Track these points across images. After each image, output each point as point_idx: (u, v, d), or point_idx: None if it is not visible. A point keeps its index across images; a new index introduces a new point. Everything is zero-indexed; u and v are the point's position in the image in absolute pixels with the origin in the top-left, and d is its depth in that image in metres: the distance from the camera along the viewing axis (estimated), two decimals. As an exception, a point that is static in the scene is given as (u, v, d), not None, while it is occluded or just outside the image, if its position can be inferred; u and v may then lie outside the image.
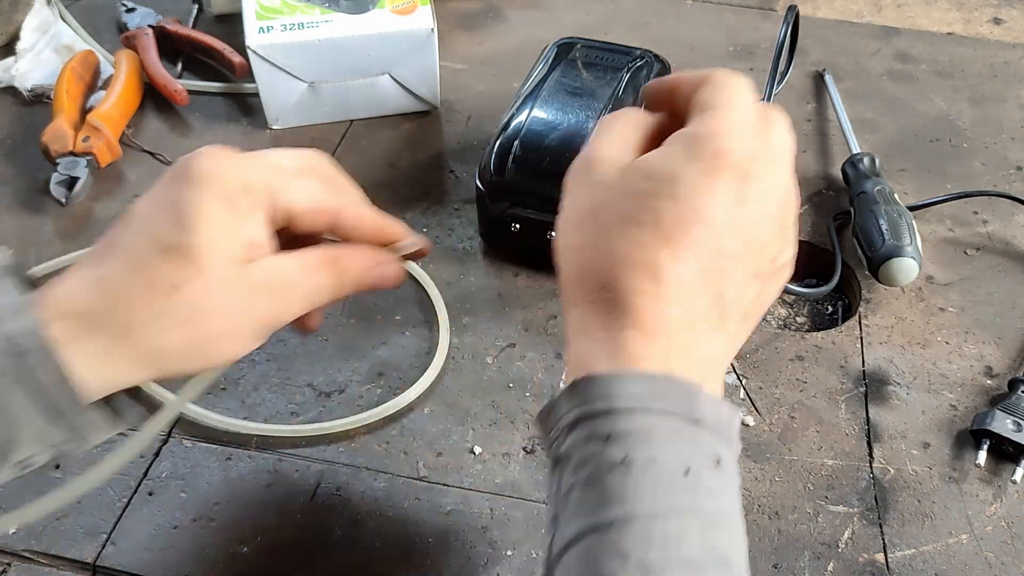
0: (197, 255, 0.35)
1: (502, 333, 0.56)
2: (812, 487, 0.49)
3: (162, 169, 0.66)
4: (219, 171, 0.36)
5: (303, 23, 0.65)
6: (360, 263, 0.40)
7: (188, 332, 0.36)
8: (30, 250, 0.60)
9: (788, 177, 0.36)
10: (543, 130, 0.56)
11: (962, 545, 0.47)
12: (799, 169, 0.67)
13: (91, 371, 0.35)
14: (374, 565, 0.46)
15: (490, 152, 0.57)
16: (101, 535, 0.46)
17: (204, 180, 0.36)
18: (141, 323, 0.35)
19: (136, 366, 0.36)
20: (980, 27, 0.82)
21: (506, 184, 0.56)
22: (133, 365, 0.36)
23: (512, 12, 0.83)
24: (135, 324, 0.35)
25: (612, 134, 0.38)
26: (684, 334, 0.34)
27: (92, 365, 0.35)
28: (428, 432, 0.51)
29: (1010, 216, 0.64)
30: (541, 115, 0.57)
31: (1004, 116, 0.72)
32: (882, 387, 0.54)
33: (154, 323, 0.35)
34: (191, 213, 0.35)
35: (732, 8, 0.83)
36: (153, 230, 0.36)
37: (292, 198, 0.37)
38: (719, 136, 0.34)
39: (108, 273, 0.36)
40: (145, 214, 0.36)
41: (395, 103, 0.71)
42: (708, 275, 0.34)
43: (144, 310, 0.35)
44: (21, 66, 0.72)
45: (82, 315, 0.35)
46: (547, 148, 0.55)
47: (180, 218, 0.35)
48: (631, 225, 0.34)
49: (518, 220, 0.56)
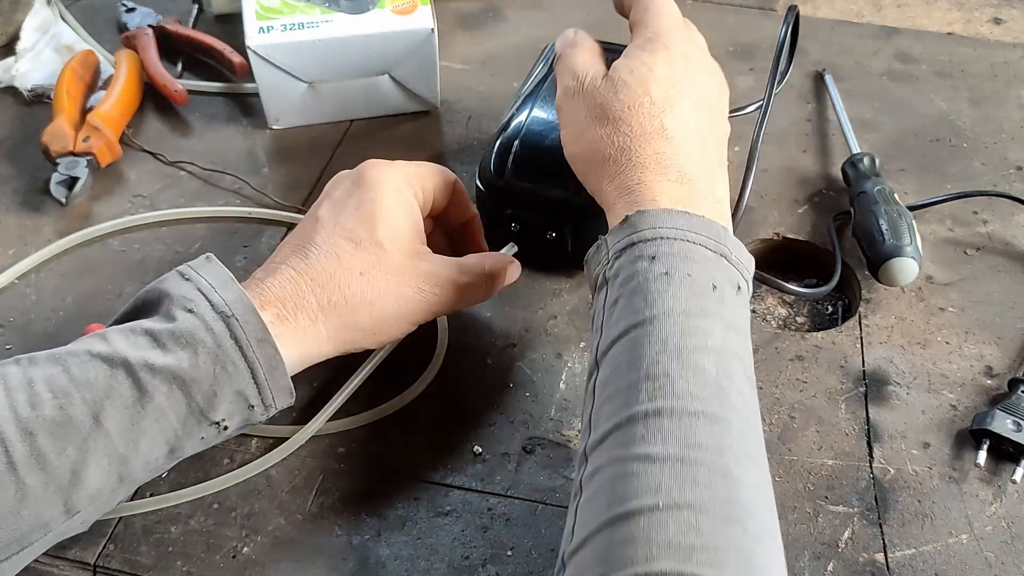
0: (380, 245, 0.45)
1: (502, 333, 0.56)
2: (812, 487, 0.49)
3: (163, 169, 0.67)
4: (387, 173, 0.47)
5: (303, 23, 0.65)
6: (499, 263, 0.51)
7: (373, 311, 0.45)
8: (30, 250, 0.60)
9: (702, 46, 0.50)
10: (543, 130, 0.56)
11: (962, 545, 0.47)
12: (799, 169, 0.67)
13: (289, 347, 0.42)
14: (374, 565, 0.46)
15: (490, 152, 0.57)
16: (101, 535, 0.46)
17: (380, 182, 0.47)
18: (336, 304, 0.44)
19: (327, 342, 0.45)
20: (980, 27, 0.82)
21: (506, 184, 0.56)
22: (324, 341, 0.44)
23: (512, 12, 0.83)
24: (332, 305, 0.44)
25: (584, 52, 0.50)
26: (704, 180, 0.44)
27: (291, 342, 0.43)
28: (428, 432, 0.51)
29: (1010, 216, 0.64)
30: (541, 115, 0.57)
31: (1004, 116, 0.72)
32: (882, 387, 0.54)
33: (347, 303, 0.44)
34: (374, 211, 0.46)
35: (732, 8, 0.83)
36: (345, 228, 0.45)
37: (434, 180, 0.50)
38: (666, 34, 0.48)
39: (310, 265, 0.44)
40: (335, 215, 0.46)
41: (395, 103, 0.71)
42: (699, 130, 0.46)
43: (339, 293, 0.44)
44: (21, 66, 0.72)
45: (286, 300, 0.43)
46: (547, 148, 0.55)
47: (366, 215, 0.46)
48: (632, 110, 0.45)
49: (518, 220, 0.56)
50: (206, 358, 0.40)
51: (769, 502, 0.36)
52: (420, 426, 0.52)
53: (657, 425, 0.36)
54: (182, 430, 0.41)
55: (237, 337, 0.41)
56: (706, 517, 0.33)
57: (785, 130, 0.71)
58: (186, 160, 0.67)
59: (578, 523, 0.36)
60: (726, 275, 0.41)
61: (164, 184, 0.66)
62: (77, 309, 0.57)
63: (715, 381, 0.37)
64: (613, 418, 0.37)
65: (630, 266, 0.41)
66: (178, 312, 0.41)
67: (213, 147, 0.69)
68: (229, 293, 0.42)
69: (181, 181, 0.66)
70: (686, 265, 0.40)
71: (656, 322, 0.38)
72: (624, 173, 0.44)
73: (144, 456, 0.40)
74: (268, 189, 0.65)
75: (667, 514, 0.33)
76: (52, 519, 0.38)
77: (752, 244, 0.61)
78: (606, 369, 0.39)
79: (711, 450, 0.35)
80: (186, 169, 0.67)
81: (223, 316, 0.41)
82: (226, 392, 0.41)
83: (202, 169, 0.67)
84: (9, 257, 0.60)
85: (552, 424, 0.52)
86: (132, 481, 0.41)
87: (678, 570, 0.31)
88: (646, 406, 0.36)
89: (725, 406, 0.37)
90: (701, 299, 0.39)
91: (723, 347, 0.39)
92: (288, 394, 0.43)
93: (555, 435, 0.51)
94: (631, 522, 0.33)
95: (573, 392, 0.53)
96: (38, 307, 0.57)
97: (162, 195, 0.65)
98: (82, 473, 0.38)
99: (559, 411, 0.52)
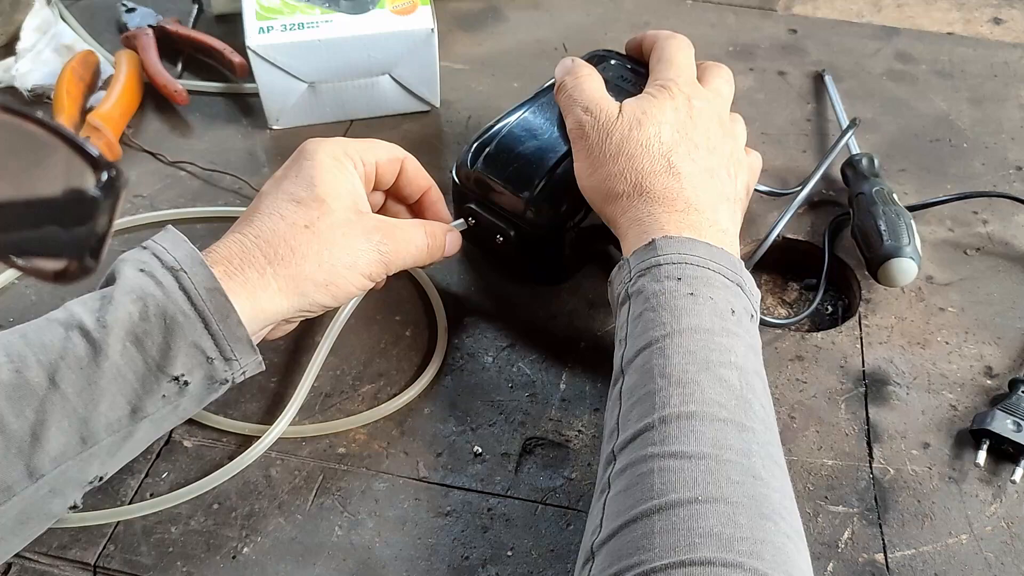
0: (322, 200, 0.47)
1: (502, 333, 0.56)
2: (812, 487, 0.49)
3: (163, 169, 0.67)
4: (325, 145, 0.49)
5: (303, 23, 0.65)
6: (442, 229, 0.52)
7: (322, 260, 0.46)
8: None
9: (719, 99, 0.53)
10: (523, 136, 0.55)
11: (962, 545, 0.47)
12: (799, 169, 0.67)
13: (239, 299, 0.43)
14: (374, 565, 0.46)
15: (470, 143, 0.56)
16: (102, 535, 0.46)
17: (316, 151, 0.49)
18: (283, 256, 0.45)
19: (278, 295, 0.45)
20: (980, 27, 0.82)
21: (472, 177, 0.55)
22: (276, 294, 0.45)
23: (512, 12, 0.83)
24: (278, 257, 0.45)
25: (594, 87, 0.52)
26: (709, 211, 0.47)
27: (241, 295, 0.43)
28: (428, 432, 0.51)
29: (1010, 216, 0.64)
30: (530, 121, 0.56)
31: (1004, 116, 0.72)
32: (882, 387, 0.54)
33: (293, 254, 0.45)
34: (313, 174, 0.48)
35: (732, 8, 0.83)
36: (286, 191, 0.47)
37: (376, 154, 0.52)
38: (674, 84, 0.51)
39: (255, 226, 0.46)
40: (277, 185, 0.48)
41: (395, 103, 0.71)
42: (707, 168, 0.49)
43: (284, 245, 0.45)
44: (21, 66, 0.72)
45: (232, 258, 0.44)
46: (519, 154, 0.54)
47: (305, 178, 0.48)
48: (644, 148, 0.48)
49: (475, 216, 0.56)
50: (156, 310, 0.41)
51: (794, 507, 0.38)
52: (420, 426, 0.52)
53: (690, 427, 0.38)
54: (141, 388, 0.41)
55: (185, 288, 0.42)
56: (743, 512, 0.35)
57: (785, 130, 0.71)
58: (186, 160, 0.67)
59: (608, 514, 0.37)
60: (741, 303, 0.44)
61: (164, 184, 0.66)
62: (77, 309, 0.57)
63: (740, 394, 0.40)
64: (644, 419, 0.39)
65: (655, 284, 0.43)
66: (130, 272, 0.42)
67: (213, 147, 0.69)
68: (180, 251, 0.43)
69: (181, 181, 0.66)
70: (709, 289, 0.43)
71: (683, 335, 0.41)
72: (636, 207, 0.48)
73: (105, 416, 0.40)
74: (268, 189, 0.65)
75: (706, 506, 0.35)
76: (15, 482, 0.39)
77: (752, 244, 0.61)
78: (632, 376, 0.42)
79: (741, 453, 0.37)
80: (186, 169, 0.67)
81: (172, 270, 0.42)
82: (180, 344, 0.41)
83: (202, 169, 0.67)
84: (9, 257, 0.60)
85: (552, 424, 0.52)
86: (96, 443, 0.40)
87: (722, 558, 0.33)
88: (678, 409, 0.38)
89: (750, 416, 0.39)
90: (723, 320, 0.42)
91: (744, 364, 0.41)
92: (248, 346, 0.44)
93: (555, 435, 0.51)
94: (671, 513, 0.35)
95: (573, 392, 0.53)
96: (38, 307, 0.57)
97: (162, 195, 0.65)
98: (41, 435, 0.39)
99: (559, 411, 0.52)
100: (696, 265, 0.44)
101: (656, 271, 0.44)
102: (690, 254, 0.44)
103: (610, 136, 0.49)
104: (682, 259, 0.44)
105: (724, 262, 0.45)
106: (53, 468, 0.39)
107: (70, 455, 0.40)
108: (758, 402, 0.40)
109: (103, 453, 0.41)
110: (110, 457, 0.42)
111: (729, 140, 0.52)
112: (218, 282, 0.42)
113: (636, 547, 0.35)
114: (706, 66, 0.55)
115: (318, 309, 0.48)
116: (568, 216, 0.54)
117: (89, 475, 0.41)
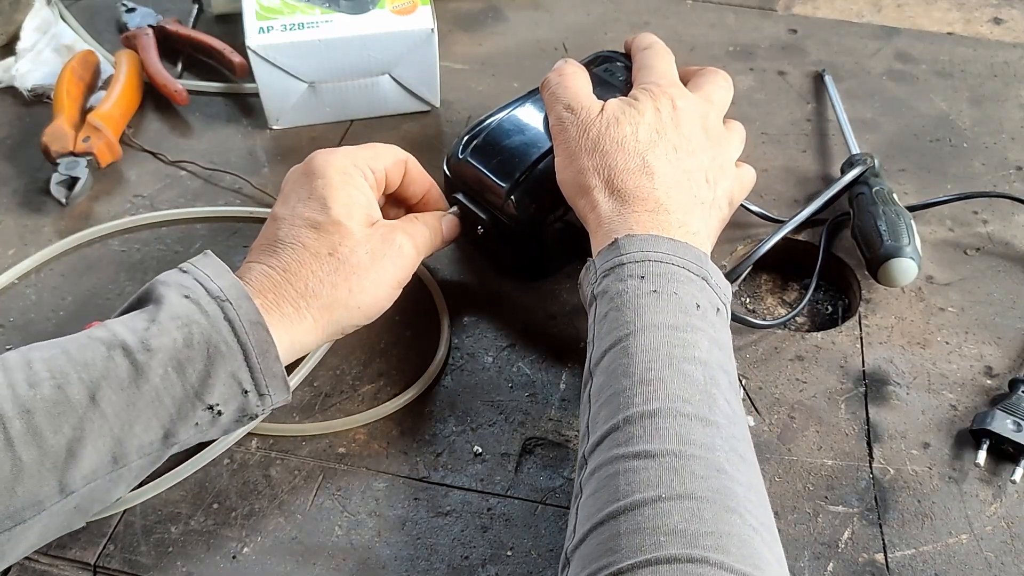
0: (338, 223, 0.47)
1: (502, 333, 0.56)
2: (812, 487, 0.49)
3: (163, 169, 0.67)
4: (333, 159, 0.49)
5: (303, 23, 0.65)
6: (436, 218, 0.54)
7: (350, 285, 0.46)
8: (30, 250, 0.60)
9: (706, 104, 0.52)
10: (511, 130, 0.56)
11: (962, 545, 0.47)
12: (799, 169, 0.67)
13: (279, 335, 0.44)
14: (374, 565, 0.46)
15: (461, 137, 0.57)
16: (101, 535, 0.46)
17: (326, 169, 0.49)
18: (313, 288, 0.46)
19: (313, 329, 0.46)
20: (980, 27, 0.82)
21: (459, 164, 0.56)
22: (311, 328, 0.46)
23: (512, 12, 0.83)
24: (309, 289, 0.46)
25: (578, 85, 0.53)
26: (679, 212, 0.47)
27: (279, 329, 0.44)
28: (428, 432, 0.51)
29: (1010, 216, 0.64)
30: (520, 116, 0.57)
31: (1004, 116, 0.72)
32: (882, 387, 0.54)
33: (323, 284, 0.46)
34: (325, 195, 0.48)
35: (732, 8, 0.83)
36: (302, 216, 0.47)
37: (383, 160, 0.52)
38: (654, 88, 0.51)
39: (280, 259, 0.46)
40: (291, 210, 0.48)
41: (395, 103, 0.71)
42: (685, 170, 0.49)
43: (313, 277, 0.46)
44: (21, 66, 0.72)
45: (267, 292, 0.45)
46: (503, 148, 0.55)
47: (318, 200, 0.47)
48: (620, 145, 0.48)
49: (459, 205, 0.56)
50: (200, 339, 0.41)
51: (762, 499, 0.38)
52: (420, 426, 0.52)
53: (653, 425, 0.38)
54: (176, 413, 0.41)
55: (231, 319, 0.42)
56: (707, 506, 0.35)
57: (785, 130, 0.71)
58: (186, 160, 0.67)
59: (579, 520, 0.37)
60: (707, 297, 0.44)
61: (164, 184, 0.66)
62: (77, 309, 0.57)
63: (704, 388, 0.40)
64: (610, 420, 0.39)
65: (619, 284, 0.43)
66: (175, 298, 0.42)
67: (213, 147, 0.69)
68: (224, 281, 0.44)
69: (181, 181, 0.66)
70: (673, 285, 0.43)
71: (646, 333, 0.41)
72: (606, 204, 0.48)
73: (139, 438, 0.40)
74: (268, 189, 0.65)
75: (671, 504, 0.35)
76: (46, 497, 0.39)
77: (752, 244, 0.61)
78: (600, 377, 0.42)
79: (705, 447, 0.38)
80: (186, 169, 0.67)
81: (218, 300, 0.42)
82: (220, 374, 0.41)
83: (202, 169, 0.67)
84: (9, 257, 0.60)
85: (552, 424, 0.52)
86: (126, 465, 0.41)
87: (687, 554, 0.33)
88: (642, 408, 0.39)
89: (714, 410, 0.39)
90: (687, 316, 0.42)
91: (709, 359, 0.41)
92: (282, 383, 0.44)
93: (555, 435, 0.51)
94: (636, 513, 0.35)
95: (573, 392, 0.53)
96: (38, 307, 0.57)
97: (162, 195, 0.65)
98: (77, 452, 0.39)
99: (559, 411, 0.52)
100: (659, 261, 0.44)
101: (620, 270, 0.44)
102: (653, 251, 0.44)
103: (587, 131, 0.49)
104: (645, 256, 0.44)
105: (689, 256, 0.45)
106: (84, 485, 0.39)
107: (100, 474, 0.40)
108: (723, 396, 0.40)
109: (131, 476, 0.42)
110: (135, 480, 0.42)
111: (713, 146, 0.51)
112: (261, 316, 0.43)
113: (604, 549, 0.35)
114: (703, 71, 0.55)
115: (351, 330, 0.49)
116: (548, 210, 0.54)
117: (114, 496, 0.42)
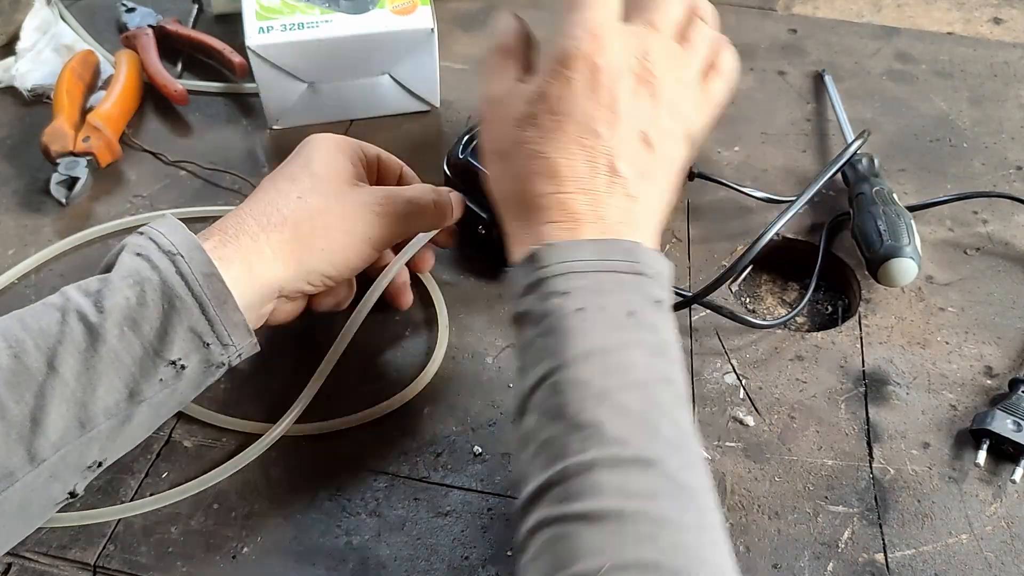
0: (315, 175, 0.48)
1: (502, 333, 0.56)
2: (812, 487, 0.49)
3: (163, 169, 0.67)
4: (327, 135, 0.51)
5: (303, 23, 0.65)
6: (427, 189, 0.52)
7: (314, 226, 0.47)
8: (30, 250, 0.60)
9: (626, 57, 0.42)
10: None
11: (962, 545, 0.47)
12: (799, 169, 0.67)
13: (235, 268, 0.43)
14: (374, 565, 0.46)
15: (461, 136, 0.57)
16: (101, 535, 0.46)
17: (317, 138, 0.51)
18: (275, 223, 0.46)
19: (274, 261, 0.46)
20: (980, 27, 0.82)
21: (459, 163, 0.56)
22: (271, 259, 0.45)
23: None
24: (271, 224, 0.46)
25: (495, 72, 0.45)
26: (594, 206, 0.41)
27: (235, 261, 0.44)
28: (428, 432, 0.51)
29: (1010, 216, 0.64)
30: None
31: (1004, 116, 0.72)
32: (882, 387, 0.54)
33: (286, 220, 0.46)
34: (311, 156, 0.49)
35: (732, 8, 0.83)
36: (283, 171, 0.49)
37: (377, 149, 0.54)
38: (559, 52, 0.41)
39: (250, 201, 0.47)
40: (277, 169, 0.50)
41: (395, 103, 0.71)
42: (592, 158, 0.41)
43: (277, 213, 0.46)
44: (21, 66, 0.72)
45: (227, 228, 0.45)
46: None
47: (303, 159, 0.50)
48: (522, 145, 0.41)
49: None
50: (153, 295, 0.41)
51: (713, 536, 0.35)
52: (420, 426, 0.52)
53: (590, 480, 0.35)
54: (139, 372, 0.41)
55: (183, 272, 0.42)
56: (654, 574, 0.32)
57: (785, 130, 0.71)
58: (186, 160, 0.67)
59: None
60: (642, 294, 0.39)
61: (164, 184, 0.66)
62: (77, 309, 0.57)
63: (642, 418, 0.36)
64: (546, 471, 0.36)
65: (541, 304, 0.39)
66: (127, 258, 0.43)
67: (213, 147, 0.69)
68: (177, 236, 0.43)
69: (181, 181, 0.66)
70: (599, 297, 0.38)
71: (576, 364, 0.37)
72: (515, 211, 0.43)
73: (103, 400, 0.40)
74: (268, 189, 0.65)
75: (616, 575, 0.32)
76: (17, 468, 0.39)
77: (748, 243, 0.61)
78: (532, 416, 0.38)
79: (647, 496, 0.34)
80: (186, 169, 0.67)
81: (169, 255, 0.42)
82: (177, 329, 0.41)
83: (202, 169, 0.67)
84: (9, 257, 0.60)
85: (552, 424, 0.52)
86: (95, 428, 0.40)
87: None
88: (577, 459, 0.35)
89: (656, 442, 0.36)
90: (620, 331, 0.38)
91: (648, 377, 0.37)
92: (245, 331, 0.44)
93: (555, 435, 0.51)
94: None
95: (573, 392, 0.53)
96: (38, 307, 0.57)
97: (162, 195, 0.65)
98: (41, 420, 0.39)
99: (559, 411, 0.52)
100: (582, 272, 0.39)
101: (541, 287, 0.39)
102: (575, 259, 0.39)
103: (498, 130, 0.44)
104: (568, 268, 0.39)
105: (616, 254, 0.39)
106: (53, 453, 0.39)
107: (69, 440, 0.40)
108: (666, 418, 0.37)
109: (102, 438, 0.41)
110: (110, 442, 0.42)
111: (655, 93, 0.42)
112: (215, 267, 0.42)
113: None
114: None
115: (318, 280, 0.48)
116: None
117: (88, 460, 0.41)
